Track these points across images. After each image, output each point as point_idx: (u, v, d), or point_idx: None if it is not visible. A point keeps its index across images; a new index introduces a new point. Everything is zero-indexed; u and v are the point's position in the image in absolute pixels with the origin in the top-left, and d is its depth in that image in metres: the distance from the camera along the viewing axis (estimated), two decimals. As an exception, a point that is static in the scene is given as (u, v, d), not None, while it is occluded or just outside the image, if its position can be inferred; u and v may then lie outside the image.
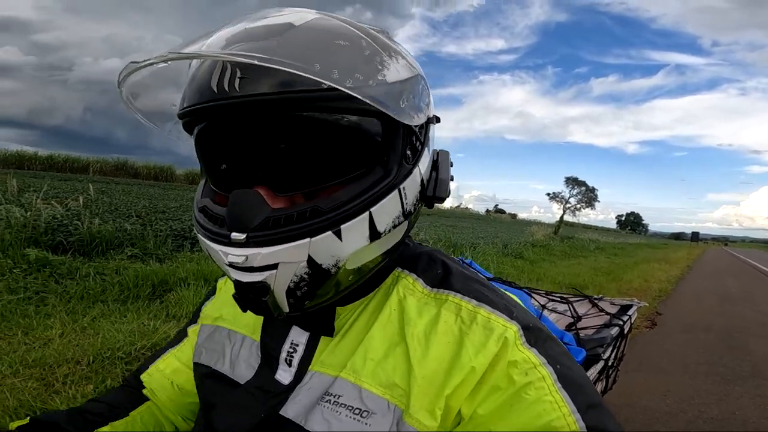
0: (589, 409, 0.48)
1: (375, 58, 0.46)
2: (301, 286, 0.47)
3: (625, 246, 25.78)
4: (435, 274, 0.58)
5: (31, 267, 3.98)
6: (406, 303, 0.55)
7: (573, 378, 0.49)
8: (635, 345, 4.63)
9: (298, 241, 0.44)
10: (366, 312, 0.56)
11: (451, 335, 0.51)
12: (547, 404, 0.46)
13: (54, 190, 8.44)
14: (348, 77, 0.41)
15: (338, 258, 0.46)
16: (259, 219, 0.44)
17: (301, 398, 0.53)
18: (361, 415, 0.49)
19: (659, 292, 8.40)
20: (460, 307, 0.53)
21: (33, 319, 3.04)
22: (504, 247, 11.38)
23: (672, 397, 3.28)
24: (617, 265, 12.98)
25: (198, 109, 0.46)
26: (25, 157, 22.41)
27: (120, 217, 6.61)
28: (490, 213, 69.48)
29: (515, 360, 0.48)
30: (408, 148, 0.51)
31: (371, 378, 0.50)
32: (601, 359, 1.33)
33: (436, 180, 0.56)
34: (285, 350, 0.57)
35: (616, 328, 1.49)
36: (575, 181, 39.51)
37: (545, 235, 18.01)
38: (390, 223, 0.49)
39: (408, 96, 0.48)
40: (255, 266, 0.45)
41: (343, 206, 0.45)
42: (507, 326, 0.51)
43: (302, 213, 0.44)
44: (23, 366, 2.38)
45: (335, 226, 0.45)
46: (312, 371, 0.54)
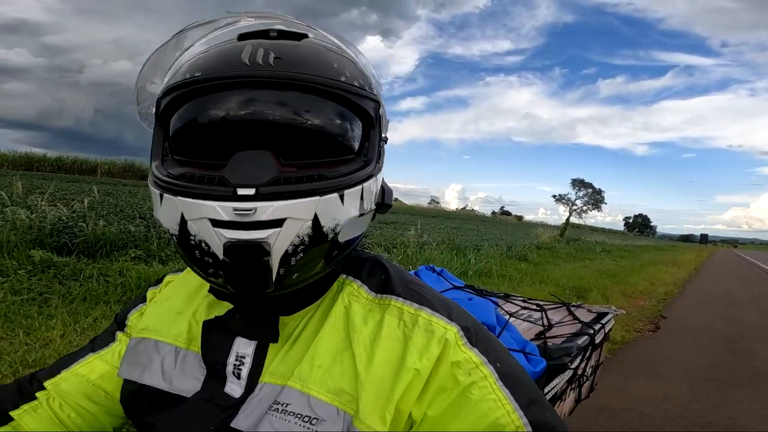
0: (531, 405, 0.50)
1: (366, 71, 0.56)
2: (297, 251, 0.47)
3: (633, 248, 25.58)
4: (378, 280, 0.59)
5: (35, 268, 4.04)
6: (351, 310, 0.56)
7: (514, 375, 0.52)
8: (636, 349, 4.60)
9: (308, 197, 0.46)
10: (313, 320, 0.56)
11: (395, 339, 0.52)
12: (491, 402, 0.48)
13: (61, 192, 8.54)
14: (356, 78, 0.52)
15: (338, 221, 0.49)
16: (269, 176, 0.46)
17: (252, 410, 0.52)
18: (310, 423, 0.49)
19: (664, 295, 8.33)
20: (402, 311, 0.54)
21: (35, 319, 3.09)
22: (508, 250, 11.33)
23: (670, 402, 3.25)
24: (623, 267, 12.88)
25: (231, 76, 0.48)
26: (35, 159, 22.68)
27: (125, 218, 6.67)
28: (495, 215, 69.22)
29: (458, 360, 0.50)
30: (378, 149, 0.56)
31: (319, 385, 0.51)
32: (569, 368, 1.33)
33: (383, 189, 0.60)
34: (231, 363, 0.55)
35: (585, 337, 1.48)
36: (582, 183, 39.21)
37: (551, 238, 17.93)
38: (369, 205, 0.54)
39: (378, 105, 0.56)
40: (263, 220, 0.45)
41: (344, 176, 0.50)
42: (447, 328, 0.52)
43: (311, 176, 0.48)
44: (23, 366, 2.42)
45: (341, 190, 0.49)
46: (262, 383, 0.54)
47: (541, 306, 1.75)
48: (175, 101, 0.51)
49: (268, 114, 0.49)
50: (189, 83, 0.49)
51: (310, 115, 0.51)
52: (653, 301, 7.46)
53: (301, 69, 0.49)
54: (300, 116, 0.50)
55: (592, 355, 1.56)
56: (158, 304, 0.67)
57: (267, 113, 0.49)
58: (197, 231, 0.46)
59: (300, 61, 0.50)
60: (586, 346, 1.47)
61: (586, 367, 1.53)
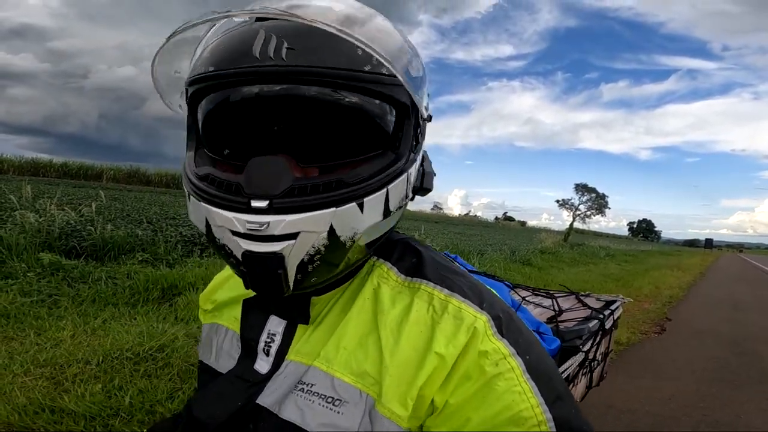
0: (557, 401, 0.48)
1: (407, 54, 0.51)
2: (314, 260, 0.46)
3: (637, 253, 25.46)
4: (410, 263, 0.58)
5: (44, 271, 4.08)
6: (380, 291, 0.55)
7: (542, 369, 0.50)
8: (642, 350, 4.60)
9: (324, 210, 0.44)
10: (341, 301, 0.56)
11: (423, 324, 0.51)
12: (516, 395, 0.46)
13: (68, 197, 8.60)
14: (397, 66, 0.45)
15: (356, 230, 0.47)
16: (284, 186, 0.44)
17: (276, 387, 0.53)
18: (333, 404, 0.49)
19: (670, 298, 8.29)
20: (432, 296, 0.53)
21: (45, 320, 3.13)
22: (512, 254, 11.32)
23: (676, 402, 3.25)
24: (628, 272, 12.84)
25: (237, 72, 0.45)
26: (41, 165, 22.84)
27: (132, 223, 6.72)
28: (499, 220, 69.05)
29: (486, 350, 0.48)
30: (413, 138, 0.53)
31: (343, 367, 0.51)
32: (581, 351, 1.36)
33: (423, 174, 0.57)
34: (263, 340, 0.57)
35: (596, 321, 1.52)
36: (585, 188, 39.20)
37: (554, 243, 17.88)
38: (398, 203, 0.51)
39: (422, 93, 0.54)
40: (276, 234, 0.44)
41: (366, 181, 0.47)
42: (477, 316, 0.50)
43: (328, 183, 0.45)
44: (34, 365, 2.45)
45: (360, 198, 0.46)
46: (288, 360, 0.55)
47: (551, 294, 1.78)
48: (196, 94, 0.51)
49: (280, 114, 0.48)
50: (202, 79, 0.48)
51: (326, 113, 0.48)
52: (658, 304, 7.43)
53: (316, 61, 0.44)
54: (319, 115, 0.48)
55: (602, 341, 1.60)
56: (223, 288, 0.71)
57: (279, 113, 0.48)
58: (220, 236, 0.47)
59: (315, 49, 0.45)
60: (596, 331, 1.50)
61: (597, 353, 1.56)
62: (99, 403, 2.13)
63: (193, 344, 2.96)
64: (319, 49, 0.45)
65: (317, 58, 0.45)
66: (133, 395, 2.24)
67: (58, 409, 2.06)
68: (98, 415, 2.06)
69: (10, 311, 3.15)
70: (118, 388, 2.29)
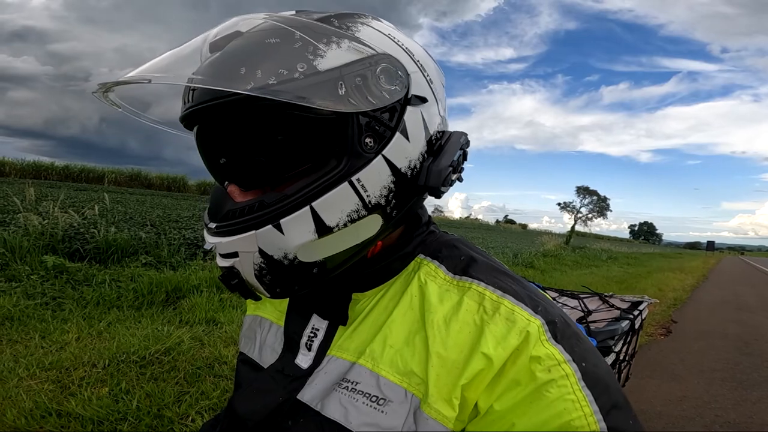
0: (613, 410, 0.46)
1: (306, 49, 0.45)
2: (263, 274, 0.48)
3: (639, 256, 25.44)
4: (458, 261, 0.56)
5: (48, 273, 4.07)
6: (427, 289, 0.53)
7: (599, 377, 0.47)
8: (649, 352, 4.57)
9: (245, 233, 0.47)
10: (386, 298, 0.55)
11: (472, 324, 0.49)
12: (569, 403, 0.44)
13: (71, 200, 8.61)
14: (271, 75, 0.42)
15: (285, 251, 0.47)
16: (222, 211, 0.49)
17: (317, 382, 0.52)
18: (377, 403, 0.48)
19: (674, 300, 8.28)
20: (484, 296, 0.51)
21: (50, 323, 3.11)
22: (514, 257, 11.32)
23: (688, 402, 3.24)
24: (630, 274, 12.81)
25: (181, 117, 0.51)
26: (42, 167, 22.87)
27: (135, 226, 6.72)
28: (500, 223, 69.11)
29: (538, 356, 0.46)
30: (367, 136, 0.47)
31: (389, 365, 0.50)
32: (612, 351, 1.34)
33: (429, 168, 0.51)
34: (306, 335, 0.57)
35: (626, 321, 1.50)
36: (586, 191, 39.21)
37: (556, 245, 17.85)
38: (344, 217, 0.47)
39: (351, 80, 0.45)
40: (222, 253, 0.49)
41: (284, 200, 0.46)
42: (531, 320, 0.48)
43: (251, 206, 0.47)
44: (40, 369, 2.43)
45: (275, 220, 0.46)
46: (329, 356, 0.54)
47: (576, 295, 1.76)
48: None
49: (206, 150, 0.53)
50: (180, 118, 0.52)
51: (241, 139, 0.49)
52: (663, 306, 7.40)
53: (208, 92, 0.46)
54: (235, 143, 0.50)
55: (631, 341, 1.58)
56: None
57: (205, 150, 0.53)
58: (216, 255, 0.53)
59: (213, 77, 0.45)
60: (627, 331, 1.48)
61: (626, 353, 1.54)
62: (106, 407, 2.10)
63: (198, 348, 2.94)
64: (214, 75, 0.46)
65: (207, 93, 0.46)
66: (140, 399, 2.21)
67: (65, 413, 2.03)
68: (106, 419, 2.03)
69: (14, 314, 3.13)
70: (125, 392, 2.26)
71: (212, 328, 3.37)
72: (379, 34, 0.51)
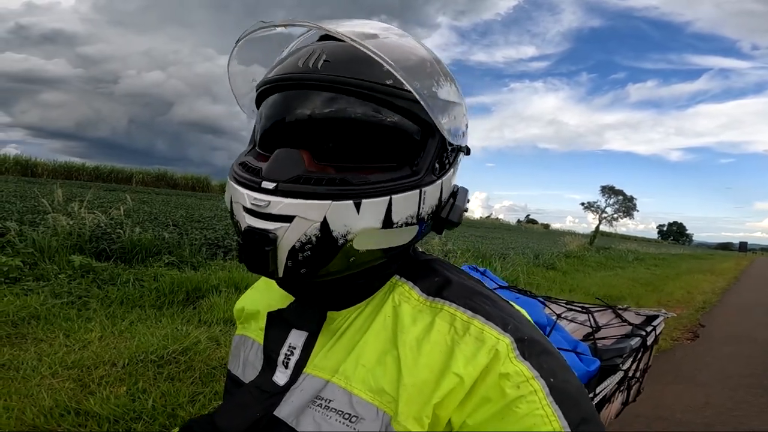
0: (582, 424, 0.48)
1: (434, 76, 0.53)
2: (305, 249, 0.49)
3: (667, 257, 24.72)
4: (432, 282, 0.58)
5: (75, 273, 4.21)
6: (401, 310, 0.55)
7: (568, 392, 0.49)
8: (673, 357, 4.45)
9: (321, 200, 0.47)
10: (361, 317, 0.57)
11: (443, 344, 0.51)
12: (538, 418, 0.46)
13: (99, 200, 8.87)
14: (414, 82, 0.48)
15: (349, 229, 0.49)
16: (292, 174, 0.49)
17: (293, 399, 0.54)
18: (350, 420, 0.50)
19: (703, 303, 8.04)
20: (455, 317, 0.53)
21: (75, 322, 3.21)
22: (535, 258, 11.12)
23: (711, 409, 3.14)
24: (658, 276, 12.46)
25: (281, 78, 0.53)
26: (73, 168, 23.63)
27: (159, 226, 6.89)
28: (521, 223, 68.11)
29: (507, 372, 0.48)
30: (437, 160, 0.54)
31: (361, 384, 0.52)
32: (620, 369, 1.30)
33: (452, 205, 0.58)
34: (283, 352, 0.58)
35: (637, 338, 1.45)
36: (612, 190, 38.26)
37: (579, 246, 17.51)
38: (404, 218, 0.52)
39: (450, 116, 0.54)
40: (273, 213, 0.48)
41: (369, 184, 0.49)
42: (499, 338, 0.50)
43: (332, 179, 0.49)
44: (62, 367, 2.51)
45: (358, 198, 0.48)
46: (305, 373, 0.56)
47: (587, 308, 1.71)
48: (258, 97, 0.58)
49: (301, 113, 0.53)
50: (261, 83, 0.56)
51: (345, 118, 0.51)
52: (691, 309, 7.19)
53: (344, 71, 0.50)
54: (335, 117, 0.51)
55: (643, 358, 1.53)
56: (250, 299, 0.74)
57: (299, 114, 0.53)
58: (236, 212, 0.52)
59: (348, 62, 0.51)
60: (638, 348, 1.44)
61: (637, 370, 1.49)
62: (123, 405, 2.16)
63: (214, 348, 2.99)
64: (350, 63, 0.51)
65: (343, 70, 0.50)
66: (156, 398, 2.27)
67: (83, 412, 2.10)
68: (122, 418, 2.09)
69: (40, 312, 3.25)
70: (141, 391, 2.32)
71: (229, 328, 3.43)
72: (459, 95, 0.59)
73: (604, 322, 1.60)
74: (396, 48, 0.52)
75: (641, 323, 1.62)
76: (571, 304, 1.77)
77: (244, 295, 0.77)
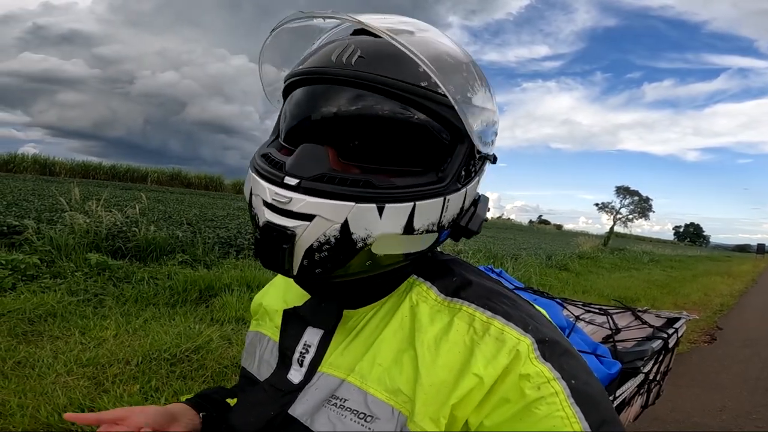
0: (603, 426, 0.47)
1: (469, 80, 0.52)
2: (323, 249, 0.48)
3: (684, 258, 24.31)
4: (450, 282, 0.57)
5: (91, 270, 4.27)
6: (419, 309, 0.55)
7: (589, 394, 0.48)
8: (690, 360, 4.37)
9: (344, 201, 0.46)
10: (377, 316, 0.56)
11: (462, 345, 0.50)
12: (558, 420, 0.46)
13: (115, 198, 9.01)
14: (450, 86, 0.47)
15: (370, 233, 0.48)
16: (316, 171, 0.48)
17: (308, 398, 0.54)
18: (365, 420, 0.50)
19: (720, 306, 7.91)
20: (474, 318, 0.52)
21: (90, 319, 3.26)
22: (548, 259, 11.00)
23: (728, 413, 3.09)
24: (674, 278, 12.26)
25: (313, 71, 0.52)
26: (90, 167, 24.02)
27: (173, 224, 6.97)
28: (533, 224, 67.47)
29: (527, 373, 0.47)
30: (464, 168, 0.53)
31: (377, 383, 0.51)
32: (641, 372, 1.27)
33: (473, 214, 0.57)
34: (298, 350, 0.58)
35: (659, 341, 1.42)
36: (627, 191, 37.69)
37: (593, 247, 17.30)
38: (425, 225, 0.50)
39: (482, 122, 0.53)
40: (294, 211, 0.47)
41: (394, 189, 0.48)
42: (520, 339, 0.50)
43: (356, 180, 0.48)
44: (77, 365, 2.55)
45: (381, 202, 0.47)
46: (320, 372, 0.55)
47: (605, 310, 1.67)
48: (285, 89, 0.57)
49: (329, 110, 0.51)
50: (291, 74, 0.55)
51: (375, 117, 0.50)
52: (708, 312, 7.07)
53: (378, 69, 0.48)
54: (364, 116, 0.50)
55: (664, 360, 1.50)
56: (269, 295, 0.73)
57: (328, 109, 0.51)
58: (254, 205, 0.51)
59: (382, 60, 0.49)
60: (659, 350, 1.41)
61: (657, 373, 1.46)
62: (135, 404, 2.19)
63: (226, 346, 3.01)
64: (385, 60, 0.49)
65: (377, 67, 0.48)
66: (168, 397, 2.30)
67: (97, 410, 2.13)
68: (135, 416, 2.11)
69: (57, 310, 3.30)
70: (154, 390, 2.35)
71: (241, 326, 3.45)
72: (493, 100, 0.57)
73: (623, 324, 1.57)
74: (432, 48, 0.51)
75: (662, 325, 1.58)
76: (588, 306, 1.74)
77: (263, 290, 0.77)
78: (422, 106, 0.49)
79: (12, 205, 7.23)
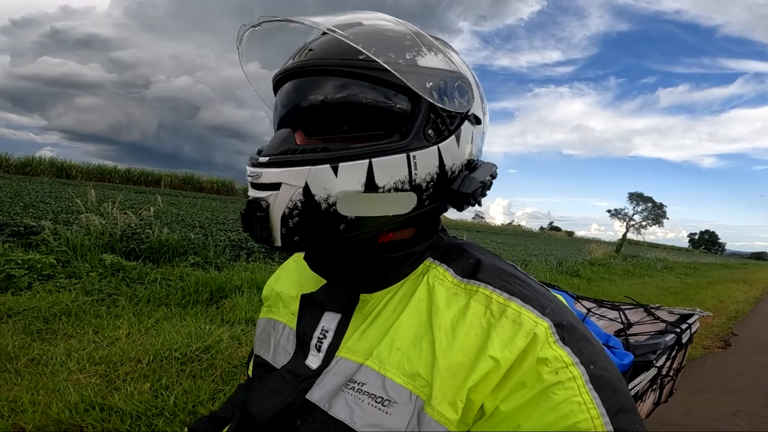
0: (620, 413, 0.47)
1: (413, 48, 0.55)
2: (293, 215, 0.51)
3: (699, 266, 23.90)
4: (466, 264, 0.57)
5: (106, 271, 4.35)
6: (435, 292, 0.55)
7: (607, 379, 0.48)
8: (704, 365, 4.30)
9: (300, 167, 0.51)
10: (394, 300, 0.57)
11: (479, 327, 0.50)
12: (575, 405, 0.45)
13: (129, 201, 9.16)
14: (382, 54, 0.52)
15: (329, 193, 0.50)
16: (282, 148, 0.54)
17: (325, 383, 0.54)
18: (383, 404, 0.50)
19: (735, 312, 7.76)
20: (491, 300, 0.52)
21: (104, 319, 3.31)
22: (558, 265, 10.91)
23: (742, 417, 3.04)
24: (688, 285, 12.07)
25: (278, 74, 0.59)
26: (106, 171, 24.48)
27: (186, 227, 7.06)
28: (544, 230, 66.83)
29: (546, 357, 0.47)
30: (430, 127, 0.54)
31: (396, 367, 0.51)
32: (654, 366, 1.26)
33: (465, 176, 0.57)
34: (316, 336, 0.59)
35: (672, 335, 1.39)
36: (640, 197, 37.25)
37: (605, 254, 17.10)
38: (391, 182, 0.52)
39: (436, 81, 0.55)
40: (265, 183, 0.52)
41: (348, 149, 0.52)
42: (538, 322, 0.49)
43: (313, 148, 0.52)
44: (90, 363, 2.59)
45: (334, 162, 0.50)
46: (338, 357, 0.55)
47: (617, 306, 1.65)
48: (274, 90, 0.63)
49: (293, 99, 0.58)
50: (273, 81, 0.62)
51: (326, 94, 0.55)
52: (723, 318, 6.94)
53: (321, 55, 0.55)
54: (317, 96, 0.55)
55: (677, 356, 1.48)
56: (281, 281, 0.75)
57: (290, 99, 0.58)
58: (248, 188, 0.56)
59: (325, 49, 0.55)
60: (672, 345, 1.39)
61: (670, 369, 1.44)
62: (146, 402, 2.22)
63: (236, 347, 3.04)
64: (329, 46, 0.55)
65: (322, 54, 0.55)
66: (178, 395, 2.32)
67: (108, 407, 2.16)
68: (144, 414, 2.14)
69: (72, 309, 3.36)
70: (164, 388, 2.38)
71: (250, 327, 3.49)
72: (461, 62, 0.61)
73: (636, 320, 1.55)
74: (374, 30, 0.56)
75: (675, 321, 1.56)
76: (601, 302, 1.72)
77: (275, 275, 0.78)
78: (364, 76, 0.53)
79: (29, 207, 7.39)
